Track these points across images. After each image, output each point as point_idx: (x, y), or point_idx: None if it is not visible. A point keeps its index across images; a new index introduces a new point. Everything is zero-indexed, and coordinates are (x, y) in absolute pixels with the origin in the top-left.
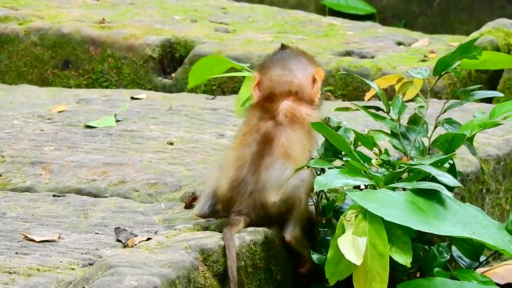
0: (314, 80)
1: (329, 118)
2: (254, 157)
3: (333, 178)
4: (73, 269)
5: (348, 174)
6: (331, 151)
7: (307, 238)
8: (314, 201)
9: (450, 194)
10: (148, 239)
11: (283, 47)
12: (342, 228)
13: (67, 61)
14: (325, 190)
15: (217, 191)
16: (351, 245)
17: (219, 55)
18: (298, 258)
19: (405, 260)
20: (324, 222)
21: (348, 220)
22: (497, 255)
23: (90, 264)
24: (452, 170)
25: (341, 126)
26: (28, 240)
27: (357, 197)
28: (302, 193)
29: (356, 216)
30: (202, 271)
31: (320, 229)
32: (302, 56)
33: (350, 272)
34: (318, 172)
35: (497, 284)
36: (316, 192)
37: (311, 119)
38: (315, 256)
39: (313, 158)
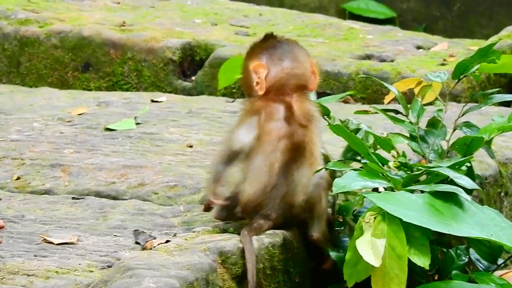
0: (313, 71)
1: (348, 120)
2: (284, 162)
3: (352, 180)
4: (91, 272)
5: (367, 176)
6: (350, 153)
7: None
8: (331, 200)
9: (468, 197)
10: (167, 241)
11: (272, 36)
12: (360, 230)
13: (87, 63)
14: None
15: (241, 194)
16: (370, 246)
17: None
18: (319, 257)
19: (423, 262)
20: (340, 221)
21: (367, 222)
22: None
23: (109, 267)
24: (470, 173)
25: (360, 129)
26: (47, 242)
27: (376, 198)
28: (322, 190)
29: (375, 218)
30: (221, 273)
31: (336, 228)
32: (300, 47)
33: (368, 274)
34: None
35: None
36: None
37: (317, 115)
38: (333, 254)
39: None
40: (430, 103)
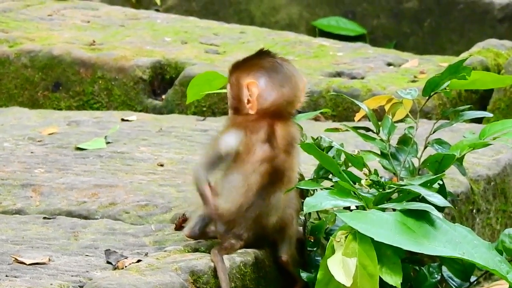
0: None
1: (320, 138)
2: (262, 185)
3: (323, 199)
4: None
5: (338, 195)
6: (322, 171)
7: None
8: (302, 220)
9: (440, 215)
10: (139, 261)
11: (269, 53)
12: (332, 249)
13: (58, 83)
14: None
15: (215, 210)
16: (341, 266)
17: (216, 71)
18: (290, 278)
19: (395, 280)
20: (312, 241)
21: (338, 241)
22: (488, 275)
23: (81, 287)
24: (442, 191)
25: (332, 146)
26: (18, 262)
27: (347, 217)
28: (293, 211)
29: (346, 237)
30: None
31: (309, 248)
32: (295, 69)
33: None
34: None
35: None
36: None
37: (299, 138)
38: (304, 275)
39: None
40: (401, 120)
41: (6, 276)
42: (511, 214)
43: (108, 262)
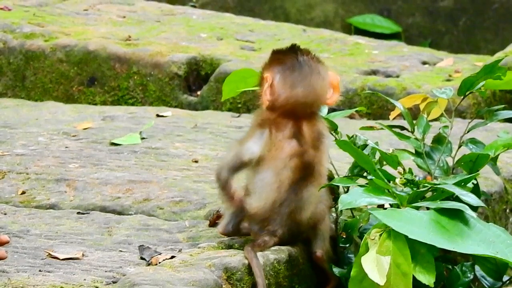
0: (334, 88)
1: (356, 136)
2: (294, 180)
3: (358, 197)
4: (96, 287)
5: (372, 193)
6: (357, 169)
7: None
8: (334, 216)
9: (473, 214)
10: (172, 257)
11: (297, 49)
12: (366, 247)
13: (93, 78)
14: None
15: (249, 207)
16: (375, 264)
17: (251, 68)
18: (323, 276)
19: (428, 279)
20: (344, 237)
21: (372, 239)
22: None
23: (114, 282)
24: (475, 190)
25: (367, 145)
26: (52, 257)
27: (381, 215)
28: (325, 207)
29: (380, 235)
30: None
31: (341, 245)
32: (321, 69)
33: None
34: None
35: None
36: (336, 208)
37: (327, 134)
38: (336, 270)
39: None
40: (436, 119)
41: (40, 271)
42: None
43: (142, 258)
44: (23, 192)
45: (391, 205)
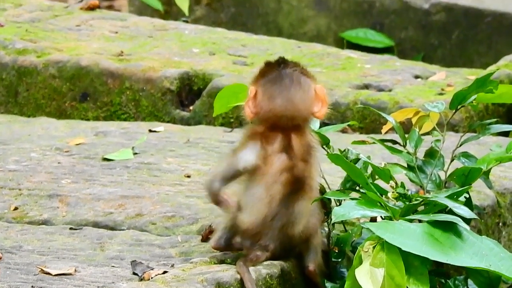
0: (322, 101)
1: (348, 150)
2: (285, 194)
3: (351, 209)
4: None
5: (365, 205)
6: (349, 183)
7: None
8: (326, 231)
9: (466, 226)
10: (165, 272)
11: (281, 62)
12: (359, 259)
13: (85, 93)
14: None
15: (241, 222)
16: (369, 276)
17: (243, 83)
18: None
19: None
20: (337, 252)
21: (366, 251)
22: None
23: None
24: (468, 203)
25: (359, 159)
26: (44, 273)
27: (375, 227)
28: (317, 221)
29: (374, 247)
30: None
31: (333, 260)
32: (302, 76)
33: None
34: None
35: None
36: (328, 222)
37: (316, 146)
38: (329, 285)
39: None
40: (428, 133)
41: (32, 287)
42: None
43: (134, 273)
44: (16, 208)
45: (384, 218)
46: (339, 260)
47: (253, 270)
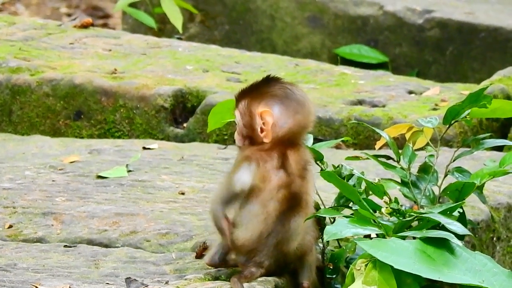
0: None
1: (341, 166)
2: (281, 211)
3: (343, 228)
4: None
5: (358, 223)
6: (342, 200)
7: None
8: (320, 247)
9: (459, 243)
10: None
11: (274, 79)
12: (352, 277)
13: (79, 111)
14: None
15: (236, 239)
16: None
17: None
18: None
19: None
20: (331, 268)
21: (358, 269)
22: None
23: None
24: (462, 219)
25: (353, 174)
26: None
27: (367, 245)
28: (312, 238)
29: (366, 265)
30: None
31: (328, 276)
32: (303, 92)
33: None
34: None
35: None
36: (322, 238)
37: (312, 161)
38: None
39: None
40: (422, 149)
41: None
42: None
43: None
44: (10, 226)
45: (377, 235)
46: (334, 276)
47: (248, 286)
